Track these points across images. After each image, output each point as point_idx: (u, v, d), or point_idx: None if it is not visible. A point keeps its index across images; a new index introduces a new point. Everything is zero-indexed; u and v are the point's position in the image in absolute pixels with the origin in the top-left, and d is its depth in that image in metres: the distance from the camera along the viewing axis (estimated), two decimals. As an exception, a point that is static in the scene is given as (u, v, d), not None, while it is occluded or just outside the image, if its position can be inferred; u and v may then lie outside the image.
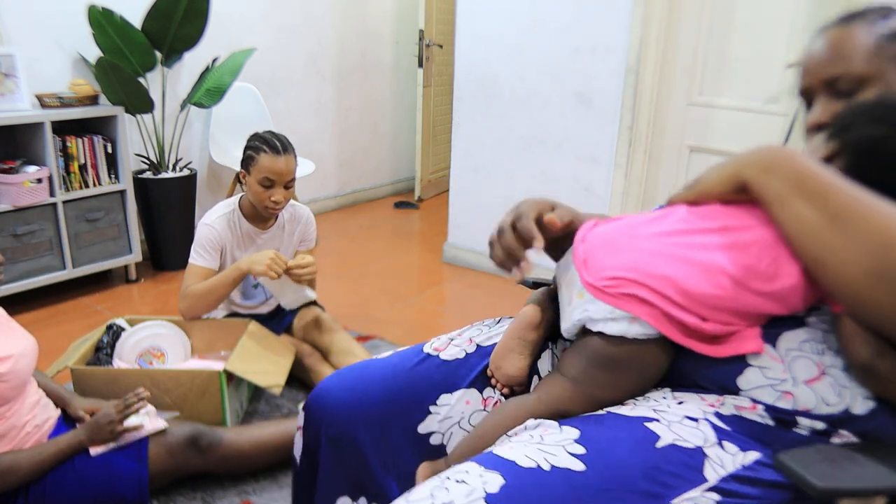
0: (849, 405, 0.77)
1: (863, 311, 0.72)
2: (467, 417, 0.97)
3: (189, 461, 1.55)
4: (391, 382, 1.01)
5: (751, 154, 0.81)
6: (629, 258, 0.81)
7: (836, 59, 0.89)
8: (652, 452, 0.74)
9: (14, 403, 1.40)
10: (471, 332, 1.08)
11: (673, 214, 0.85)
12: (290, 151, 1.99)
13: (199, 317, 2.03)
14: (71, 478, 1.42)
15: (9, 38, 2.68)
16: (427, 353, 1.04)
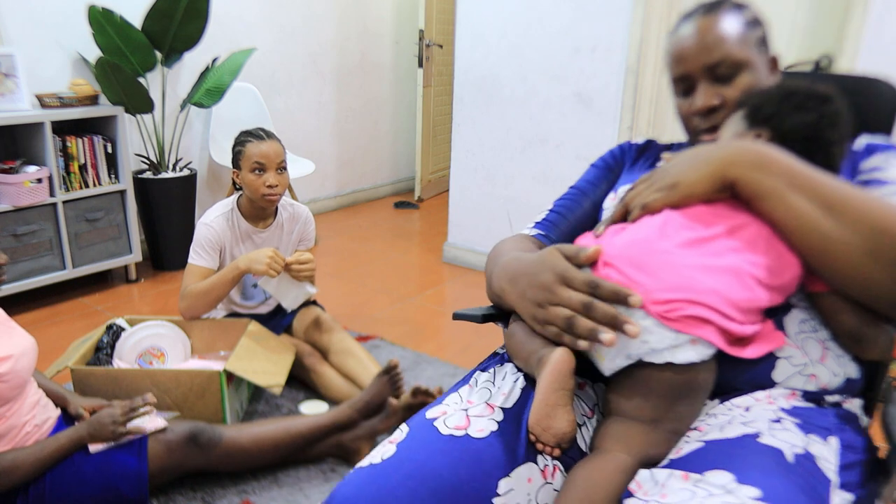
0: (847, 372, 0.84)
1: (864, 289, 0.78)
2: (535, 497, 0.81)
3: (189, 458, 1.55)
4: (433, 488, 0.77)
5: (731, 152, 0.82)
6: (672, 278, 0.77)
7: (715, 45, 0.95)
8: (791, 469, 0.70)
9: (14, 403, 1.40)
10: (479, 393, 0.90)
11: (670, 222, 0.83)
12: (274, 138, 2.06)
13: (198, 317, 2.03)
14: (70, 475, 1.42)
15: (9, 38, 2.68)
16: (452, 436, 0.82)
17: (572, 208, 1.16)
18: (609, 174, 1.19)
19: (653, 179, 0.88)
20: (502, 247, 1.07)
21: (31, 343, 1.45)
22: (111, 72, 2.65)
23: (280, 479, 1.68)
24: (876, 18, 2.08)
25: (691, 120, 1.02)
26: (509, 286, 0.91)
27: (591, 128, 2.81)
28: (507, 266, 0.94)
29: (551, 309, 0.81)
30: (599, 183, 1.18)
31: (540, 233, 1.13)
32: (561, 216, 1.16)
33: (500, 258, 1.00)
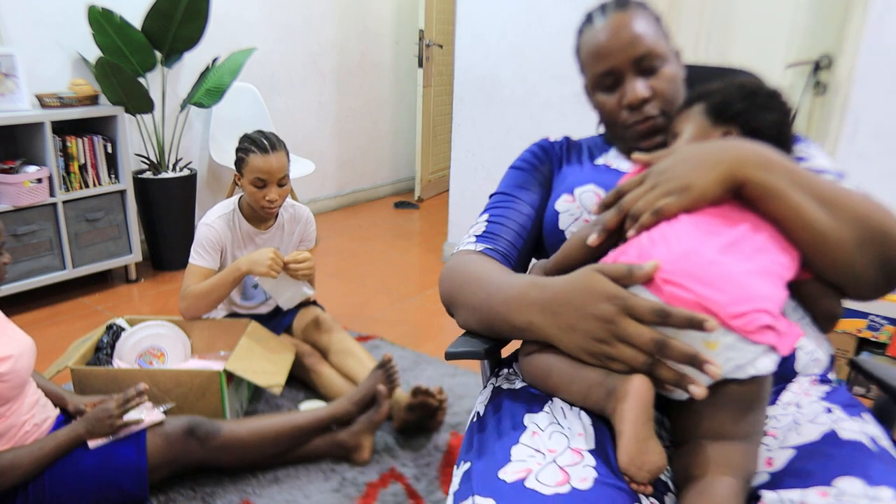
0: (827, 349, 0.90)
1: (850, 276, 0.82)
2: None
3: (188, 451, 1.55)
4: None
5: (739, 153, 0.81)
6: (735, 288, 0.73)
7: (639, 39, 0.97)
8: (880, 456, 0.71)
9: (13, 403, 1.40)
10: (555, 440, 0.77)
11: (697, 225, 0.79)
12: (280, 148, 1.99)
13: (199, 317, 2.03)
14: (70, 471, 1.42)
15: (9, 38, 2.68)
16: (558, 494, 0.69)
17: (510, 216, 1.08)
18: (537, 175, 1.12)
19: (654, 182, 0.82)
20: (469, 270, 0.95)
21: (30, 343, 1.45)
22: (111, 72, 2.65)
23: (280, 479, 1.68)
24: (876, 18, 2.08)
25: (619, 114, 1.02)
26: (544, 318, 0.80)
27: (591, 128, 2.80)
28: (526, 295, 0.82)
29: (619, 347, 0.73)
30: (530, 185, 1.11)
31: (487, 247, 1.03)
32: (501, 226, 1.07)
33: (487, 285, 0.89)
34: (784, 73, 2.33)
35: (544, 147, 1.16)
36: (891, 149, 2.14)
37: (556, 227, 1.03)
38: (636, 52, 0.97)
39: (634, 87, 0.98)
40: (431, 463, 1.77)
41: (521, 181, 1.12)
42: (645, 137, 1.01)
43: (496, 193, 1.13)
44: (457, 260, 1.02)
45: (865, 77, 2.13)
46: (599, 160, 1.09)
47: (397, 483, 1.69)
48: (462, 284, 0.96)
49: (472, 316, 0.93)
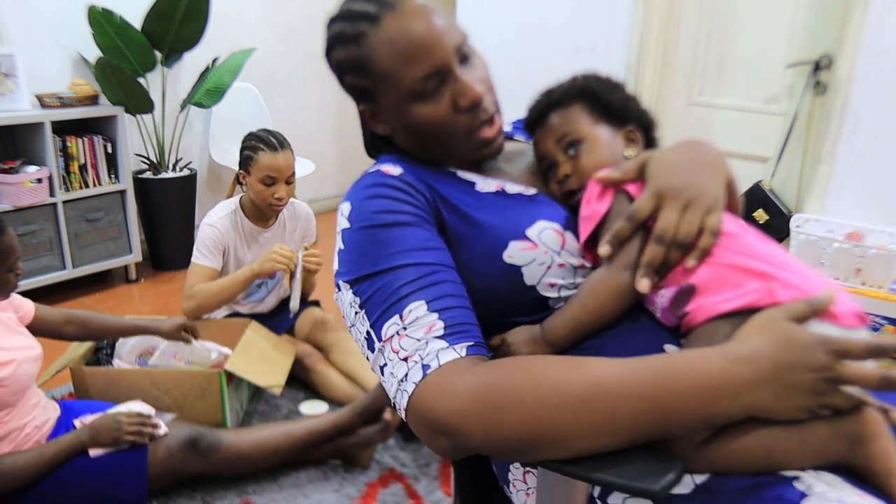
0: None
1: None
2: None
3: (188, 463, 1.55)
4: None
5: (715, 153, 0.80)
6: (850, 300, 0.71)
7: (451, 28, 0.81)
8: None
9: (14, 409, 1.40)
10: None
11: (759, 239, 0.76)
12: (287, 147, 2.02)
13: (201, 316, 2.03)
14: (70, 479, 1.42)
15: (9, 38, 2.68)
16: None
17: (454, 291, 0.75)
18: (427, 225, 0.80)
19: (684, 201, 0.73)
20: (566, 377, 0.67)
21: (37, 352, 1.45)
22: (111, 72, 2.65)
23: (280, 480, 1.68)
24: (876, 18, 2.08)
25: (453, 121, 0.82)
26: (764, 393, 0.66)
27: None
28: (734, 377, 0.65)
29: (838, 393, 0.67)
30: (436, 242, 0.79)
31: (469, 345, 0.72)
32: (459, 308, 0.74)
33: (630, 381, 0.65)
34: (784, 73, 2.33)
35: (398, 185, 0.81)
36: (891, 149, 2.14)
37: (521, 284, 0.79)
38: (456, 39, 0.81)
39: (467, 80, 0.81)
40: (431, 463, 1.77)
41: (416, 242, 0.77)
42: (491, 142, 0.85)
43: (391, 270, 0.75)
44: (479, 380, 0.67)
45: (865, 77, 2.13)
46: (481, 187, 0.85)
47: (397, 483, 1.69)
48: (566, 407, 0.65)
49: (610, 439, 0.66)
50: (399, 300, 0.73)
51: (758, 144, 2.43)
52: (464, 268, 0.79)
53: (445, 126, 0.82)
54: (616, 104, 0.86)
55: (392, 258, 0.75)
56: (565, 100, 0.88)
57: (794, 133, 2.32)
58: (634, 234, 0.74)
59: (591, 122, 0.86)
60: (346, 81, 0.90)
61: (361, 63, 0.83)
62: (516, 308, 0.80)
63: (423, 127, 0.83)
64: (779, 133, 2.36)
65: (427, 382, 0.68)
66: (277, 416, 1.97)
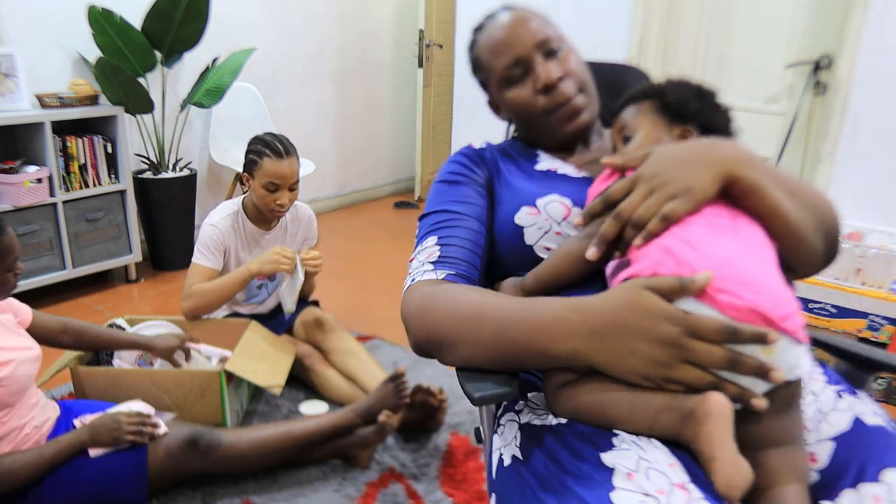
0: None
1: (807, 258, 0.85)
2: None
3: (188, 463, 1.55)
4: None
5: (727, 151, 0.81)
6: (773, 290, 0.72)
7: (539, 26, 1.00)
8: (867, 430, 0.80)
9: (13, 409, 1.40)
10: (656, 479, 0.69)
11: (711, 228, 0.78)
12: (293, 153, 2.00)
13: (200, 316, 2.03)
14: (70, 479, 1.42)
15: (9, 38, 2.68)
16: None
17: (461, 234, 0.96)
18: (475, 186, 1.02)
19: (651, 187, 0.78)
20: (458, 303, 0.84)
21: (36, 353, 1.45)
22: (111, 72, 2.65)
23: (280, 480, 1.68)
24: (876, 18, 2.08)
25: (535, 103, 1.00)
26: (591, 343, 0.73)
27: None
28: (564, 321, 0.74)
29: (683, 368, 0.70)
30: (470, 199, 1.00)
31: (450, 273, 0.91)
32: (456, 247, 0.94)
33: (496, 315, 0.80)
34: (784, 73, 2.33)
35: (471, 155, 1.06)
36: (891, 149, 2.14)
37: (522, 243, 0.94)
38: (538, 37, 0.99)
39: (546, 67, 0.98)
40: (431, 463, 1.77)
41: (458, 196, 1.00)
42: (569, 120, 1.00)
43: (432, 213, 1.00)
44: (426, 292, 0.88)
45: (865, 77, 2.13)
46: (540, 166, 1.02)
47: (397, 483, 1.69)
48: (456, 319, 0.83)
49: (481, 352, 0.81)
50: (425, 234, 0.99)
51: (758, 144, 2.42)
52: (494, 223, 0.99)
53: (529, 107, 1.00)
54: (674, 104, 0.91)
55: (438, 205, 1.01)
56: (639, 97, 0.95)
57: (794, 133, 2.32)
58: (605, 211, 0.82)
59: (649, 118, 0.92)
60: (476, 79, 1.11)
61: (476, 62, 1.07)
62: (518, 263, 0.96)
63: (514, 108, 1.03)
64: (779, 133, 2.36)
65: (408, 290, 0.94)
66: (277, 416, 1.97)
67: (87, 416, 1.52)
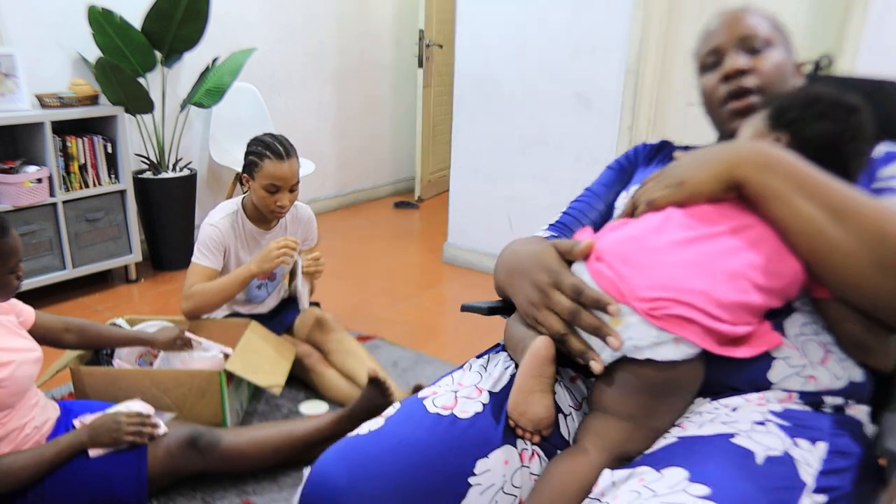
0: (851, 376, 0.83)
1: (867, 298, 0.76)
2: (509, 479, 0.83)
3: (188, 462, 1.55)
4: (413, 462, 0.79)
5: (740, 152, 0.81)
6: (660, 276, 0.78)
7: (748, 21, 1.02)
8: (758, 471, 0.70)
9: (13, 410, 1.40)
10: (470, 377, 0.92)
11: (671, 220, 0.83)
12: (294, 155, 2.00)
13: (200, 316, 2.03)
14: (70, 479, 1.42)
15: (9, 38, 2.68)
16: (438, 415, 0.85)
17: (585, 211, 1.16)
18: (623, 175, 1.19)
19: (661, 177, 0.88)
20: (512, 244, 1.05)
21: (37, 354, 1.45)
22: (111, 72, 2.65)
23: (280, 480, 1.68)
24: (876, 18, 2.08)
25: (716, 92, 1.02)
26: (507, 279, 0.95)
27: (591, 128, 2.81)
28: (506, 259, 0.98)
29: (544, 313, 0.85)
30: (613, 185, 1.18)
31: (553, 234, 1.13)
32: (574, 219, 1.15)
33: (505, 251, 1.03)
34: (784, 73, 2.33)
35: (637, 150, 1.21)
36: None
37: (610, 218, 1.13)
38: (741, 31, 1.00)
39: (734, 57, 1.00)
40: (431, 463, 1.77)
41: (605, 180, 1.19)
42: (740, 116, 0.98)
43: (585, 189, 1.20)
44: (516, 239, 1.07)
45: (865, 77, 2.13)
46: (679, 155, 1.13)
47: (397, 483, 1.68)
48: (500, 254, 1.05)
49: (495, 279, 1.04)
50: (571, 203, 1.19)
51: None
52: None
53: (711, 94, 1.04)
54: (774, 110, 0.90)
55: (593, 183, 1.21)
56: (761, 106, 0.95)
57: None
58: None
59: (756, 122, 0.92)
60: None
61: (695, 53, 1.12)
62: None
63: (702, 94, 1.07)
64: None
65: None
66: (277, 416, 1.97)
67: (87, 417, 1.52)
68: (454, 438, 0.82)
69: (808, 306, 0.84)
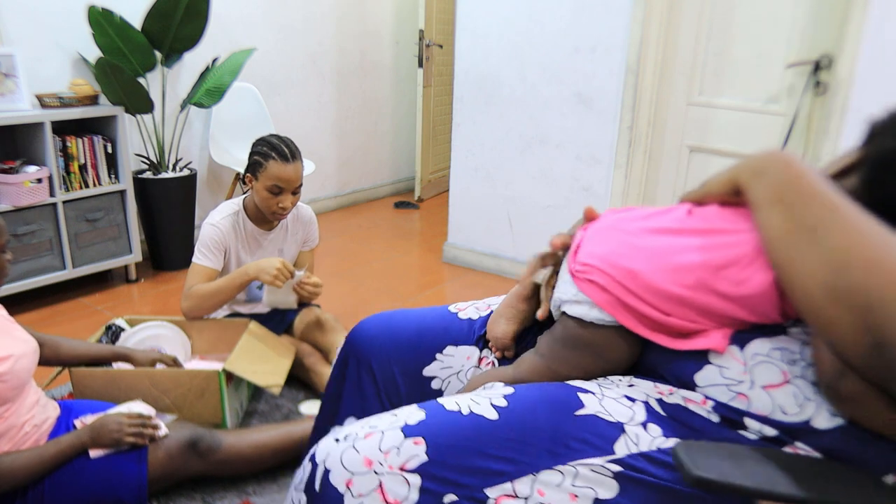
0: (810, 417, 0.75)
1: (819, 326, 0.70)
2: (465, 371, 1.08)
3: (188, 464, 1.55)
4: (414, 328, 1.14)
5: (751, 157, 0.81)
6: (608, 249, 0.88)
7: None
8: (568, 418, 0.81)
9: (13, 404, 1.40)
10: (492, 300, 1.18)
11: (674, 212, 0.89)
12: (299, 158, 1.99)
13: (200, 317, 2.03)
14: (70, 479, 1.41)
15: (9, 38, 2.68)
16: (449, 311, 1.17)
17: None
18: None
19: None
20: None
21: (33, 347, 1.45)
22: (111, 72, 2.65)
23: (280, 480, 1.68)
24: (876, 18, 2.08)
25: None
26: None
27: (591, 128, 2.80)
28: None
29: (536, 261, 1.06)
30: None
31: None
32: None
33: None
34: (784, 73, 2.33)
35: None
36: (891, 149, 2.13)
37: None
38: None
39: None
40: (431, 463, 1.77)
41: None
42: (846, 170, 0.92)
43: None
44: None
45: (865, 77, 2.13)
46: None
47: (397, 483, 1.68)
48: None
49: None
50: None
51: (758, 144, 2.43)
52: None
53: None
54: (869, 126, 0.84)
55: None
56: None
57: (794, 133, 2.32)
58: None
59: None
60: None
61: None
62: None
63: None
64: (779, 133, 2.36)
65: None
66: (277, 416, 1.97)
67: (88, 417, 1.52)
68: (447, 325, 1.13)
69: (807, 337, 0.78)
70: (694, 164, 2.66)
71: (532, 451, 0.77)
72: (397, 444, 0.79)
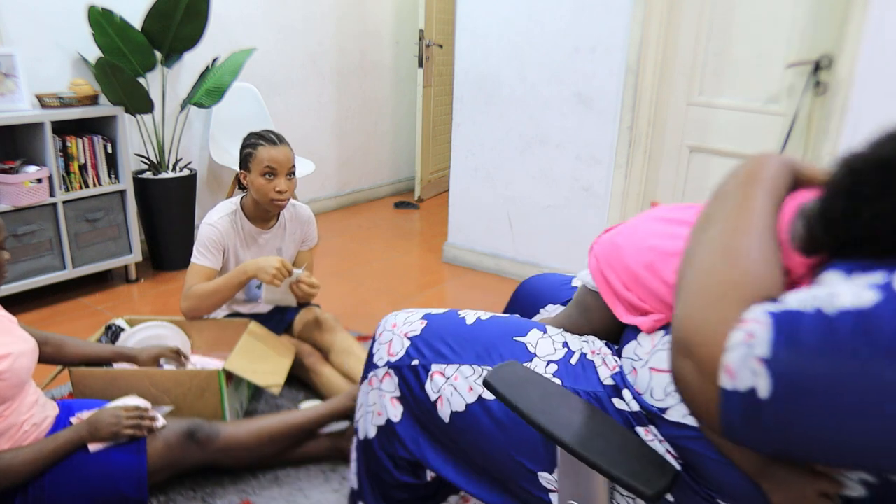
0: (668, 407, 0.83)
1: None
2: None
3: (187, 454, 1.55)
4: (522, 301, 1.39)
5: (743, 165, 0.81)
6: (618, 230, 1.01)
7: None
8: (507, 339, 1.04)
9: (13, 403, 1.40)
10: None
11: (682, 207, 0.96)
12: (286, 143, 2.04)
13: (200, 317, 2.03)
14: (69, 474, 1.42)
15: (9, 38, 2.68)
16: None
17: None
18: None
19: None
20: None
21: (32, 345, 1.45)
22: (111, 72, 2.65)
23: (280, 479, 1.68)
24: (876, 18, 2.08)
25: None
26: None
27: (591, 128, 2.80)
28: None
29: None
30: None
31: None
32: None
33: None
34: (784, 73, 2.33)
35: None
36: (891, 149, 2.13)
37: None
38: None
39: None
40: (431, 463, 1.77)
41: None
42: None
43: None
44: None
45: (865, 77, 2.13)
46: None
47: (397, 483, 1.68)
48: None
49: None
50: None
51: (757, 144, 2.43)
52: None
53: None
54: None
55: None
56: None
57: (794, 133, 2.32)
58: None
59: None
60: None
61: None
62: None
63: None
64: (779, 133, 2.36)
65: None
66: (277, 416, 1.97)
67: (85, 413, 1.52)
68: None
69: None
70: (694, 164, 2.66)
71: (469, 349, 1.03)
72: (413, 321, 1.13)
